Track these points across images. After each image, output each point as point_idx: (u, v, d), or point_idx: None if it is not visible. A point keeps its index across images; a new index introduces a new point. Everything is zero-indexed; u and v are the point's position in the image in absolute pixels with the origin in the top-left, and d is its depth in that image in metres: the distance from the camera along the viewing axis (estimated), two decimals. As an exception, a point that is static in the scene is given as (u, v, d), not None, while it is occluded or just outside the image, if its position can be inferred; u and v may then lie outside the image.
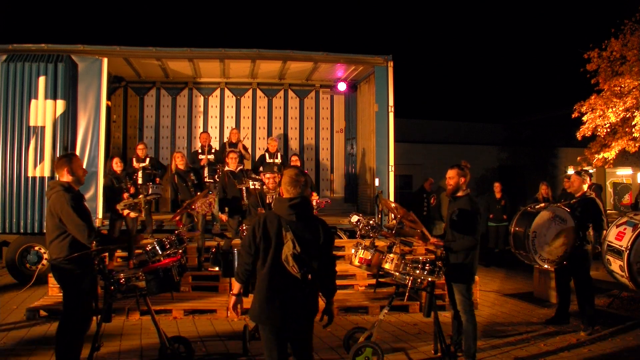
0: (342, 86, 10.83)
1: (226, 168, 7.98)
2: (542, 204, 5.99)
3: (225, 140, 10.14)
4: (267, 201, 6.11)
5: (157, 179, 8.34)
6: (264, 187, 6.45)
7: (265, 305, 3.02)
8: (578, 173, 6.18)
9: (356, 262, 4.84)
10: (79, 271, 3.89)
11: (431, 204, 11.39)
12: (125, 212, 6.12)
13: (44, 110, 7.89)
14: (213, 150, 9.34)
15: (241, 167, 8.41)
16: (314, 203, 7.51)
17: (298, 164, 9.06)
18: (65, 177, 4.01)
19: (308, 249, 3.00)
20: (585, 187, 6.03)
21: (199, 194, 7.15)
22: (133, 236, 4.47)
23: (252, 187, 7.14)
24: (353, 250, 4.94)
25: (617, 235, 5.81)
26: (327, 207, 7.95)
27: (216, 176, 8.60)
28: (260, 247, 3.04)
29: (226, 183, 7.65)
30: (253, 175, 9.29)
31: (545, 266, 5.83)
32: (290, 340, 3.13)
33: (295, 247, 2.94)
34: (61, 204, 3.83)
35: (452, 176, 4.69)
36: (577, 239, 5.73)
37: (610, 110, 11.11)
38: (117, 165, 7.73)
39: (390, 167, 8.84)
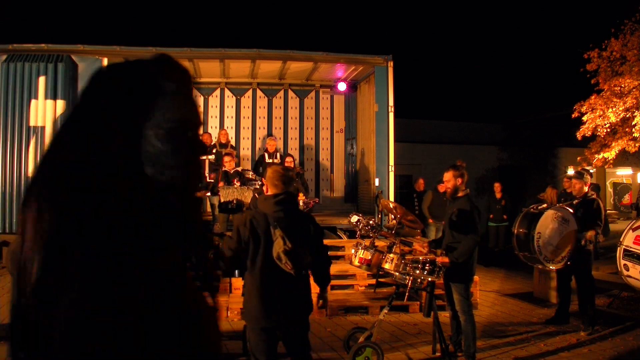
0: (342, 86, 10.83)
1: (223, 168, 8.08)
2: (545, 205, 5.97)
3: (214, 140, 10.07)
4: None
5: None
6: (263, 187, 6.52)
7: (261, 305, 2.95)
8: (579, 175, 6.11)
9: (356, 262, 4.83)
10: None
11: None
12: None
13: (44, 110, 7.90)
14: (214, 151, 9.37)
15: (237, 168, 8.48)
16: (301, 203, 7.58)
17: (292, 165, 9.10)
18: None
19: (299, 244, 2.95)
20: (586, 188, 6.02)
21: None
22: None
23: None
24: (353, 250, 4.93)
25: (635, 240, 5.71)
26: (324, 206, 8.00)
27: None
28: (249, 246, 2.98)
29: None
30: (251, 175, 9.36)
31: (551, 267, 5.80)
32: (285, 340, 3.08)
33: (286, 243, 2.89)
34: None
35: (448, 179, 4.69)
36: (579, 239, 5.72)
37: (610, 110, 11.11)
38: None
39: (390, 167, 8.84)
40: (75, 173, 0.83)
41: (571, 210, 5.76)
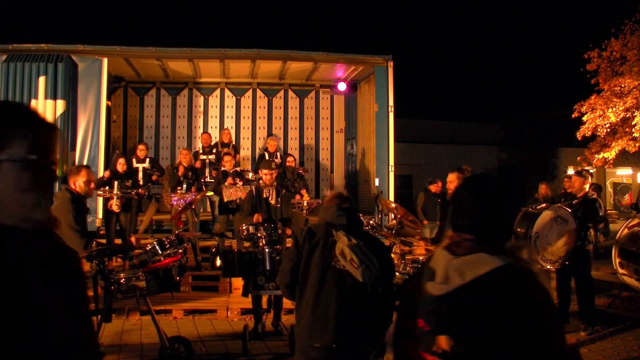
0: (342, 86, 10.82)
1: (222, 168, 8.08)
2: (544, 205, 5.98)
3: (216, 140, 10.09)
4: (264, 195, 6.12)
5: (154, 177, 8.39)
6: (261, 182, 6.48)
7: (314, 325, 2.40)
8: (579, 173, 6.16)
9: (356, 262, 4.82)
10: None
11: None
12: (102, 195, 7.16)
13: (44, 110, 7.88)
14: (214, 151, 9.38)
15: (237, 168, 8.48)
16: (305, 203, 7.54)
17: (293, 164, 9.08)
18: (74, 185, 4.04)
19: (367, 247, 2.46)
20: (587, 187, 6.02)
21: (197, 194, 7.16)
22: (127, 242, 4.51)
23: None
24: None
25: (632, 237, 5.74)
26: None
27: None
28: (304, 249, 2.50)
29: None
30: (252, 175, 9.36)
31: (548, 267, 5.81)
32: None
33: (351, 240, 2.40)
34: (65, 211, 3.83)
35: (452, 180, 4.71)
36: (578, 239, 5.72)
37: (610, 110, 11.12)
38: (120, 166, 7.69)
39: (390, 167, 8.84)
40: None
41: (569, 210, 5.77)
